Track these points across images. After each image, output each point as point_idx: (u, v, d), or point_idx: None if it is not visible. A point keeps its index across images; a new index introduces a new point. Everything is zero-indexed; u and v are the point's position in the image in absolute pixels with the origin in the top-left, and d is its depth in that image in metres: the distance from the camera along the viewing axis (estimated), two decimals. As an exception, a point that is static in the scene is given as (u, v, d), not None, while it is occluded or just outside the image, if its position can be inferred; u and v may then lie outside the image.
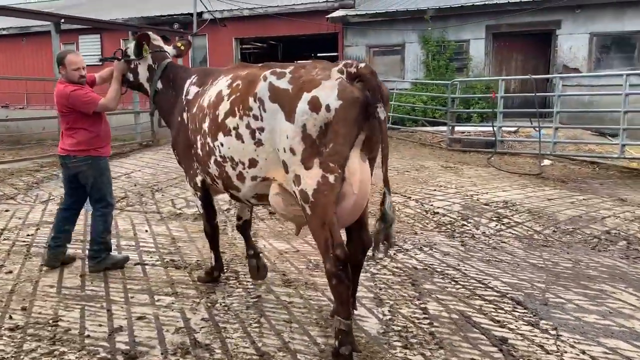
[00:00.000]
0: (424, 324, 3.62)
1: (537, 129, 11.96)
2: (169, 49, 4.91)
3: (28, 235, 5.99)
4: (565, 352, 3.25)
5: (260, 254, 4.46)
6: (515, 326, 3.58)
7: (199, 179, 4.17)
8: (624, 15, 12.77)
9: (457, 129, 12.38)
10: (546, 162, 10.20)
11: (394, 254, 5.10)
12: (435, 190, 7.67)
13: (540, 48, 13.97)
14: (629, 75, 9.50)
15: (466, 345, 3.33)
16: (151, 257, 5.16)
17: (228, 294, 4.21)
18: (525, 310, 3.84)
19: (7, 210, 7.15)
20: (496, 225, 6.02)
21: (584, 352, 3.25)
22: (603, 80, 12.53)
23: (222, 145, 3.61)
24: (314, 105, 3.06)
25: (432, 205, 6.83)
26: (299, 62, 3.67)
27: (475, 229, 5.93)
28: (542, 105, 13.73)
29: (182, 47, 4.99)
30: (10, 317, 3.85)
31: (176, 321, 3.74)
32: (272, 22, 17.42)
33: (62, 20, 10.70)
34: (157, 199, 7.69)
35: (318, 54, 26.23)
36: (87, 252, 4.99)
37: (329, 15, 15.30)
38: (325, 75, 3.13)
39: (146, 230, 6.12)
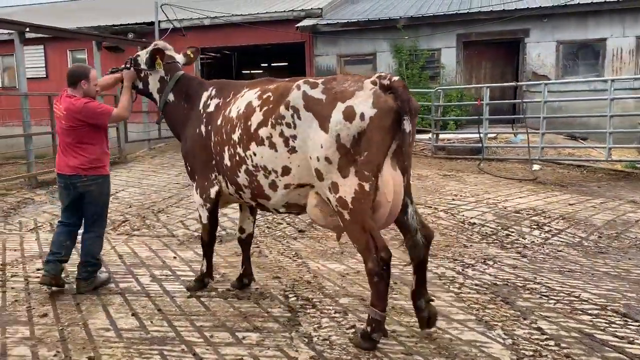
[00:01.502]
0: (552, 346, 3.41)
1: (516, 134, 12.29)
2: (180, 58, 4.79)
3: (38, 270, 5.30)
4: None
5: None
6: (644, 341, 3.45)
7: (214, 189, 4.23)
8: (586, 24, 13.35)
9: (440, 136, 12.43)
10: (536, 166, 10.40)
11: (462, 269, 4.90)
12: (454, 199, 7.56)
13: (508, 56, 14.37)
14: (613, 80, 9.88)
15: (614, 367, 3.15)
16: (200, 288, 4.66)
17: (317, 325, 3.82)
18: (639, 323, 3.72)
19: (-7, 241, 6.36)
20: (540, 233, 5.96)
21: None
22: (570, 87, 13.02)
23: (254, 154, 3.71)
24: (348, 114, 3.20)
25: (463, 215, 6.69)
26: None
27: (522, 238, 5.83)
28: (513, 111, 14.14)
29: (192, 55, 4.92)
30: (83, 371, 3.31)
31: (283, 362, 3.33)
32: (235, 31, 16.93)
33: (27, 29, 9.81)
34: (163, 221, 7.11)
35: (273, 64, 25.92)
36: (78, 273, 4.63)
37: (299, 24, 15.03)
38: (359, 87, 3.28)
39: (174, 257, 5.58)
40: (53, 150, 10.78)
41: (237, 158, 3.87)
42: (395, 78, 3.29)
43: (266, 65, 25.84)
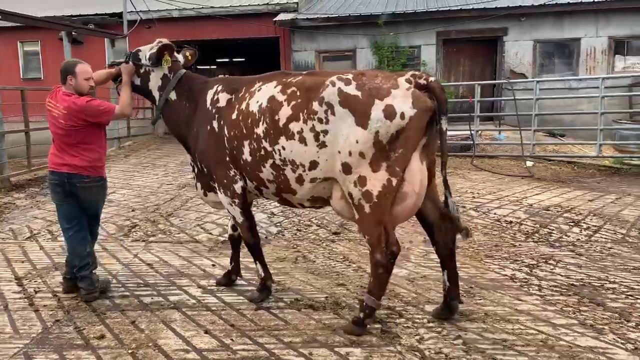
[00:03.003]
0: (676, 349, 3.32)
1: (500, 132, 12.44)
2: (179, 57, 4.61)
3: (61, 283, 4.74)
4: None
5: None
6: None
7: (238, 185, 4.08)
8: (562, 24, 13.71)
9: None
10: (529, 163, 10.53)
11: (530, 270, 4.77)
12: (474, 197, 7.48)
13: (487, 54, 14.55)
14: (604, 79, 10.15)
15: None
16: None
17: (418, 337, 3.56)
18: None
19: (-10, 253, 5.68)
20: (580, 230, 5.94)
21: None
22: (547, 85, 13.33)
23: (283, 148, 3.68)
24: (389, 113, 3.27)
25: (495, 214, 6.61)
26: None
27: (565, 236, 5.79)
28: (491, 109, 14.33)
29: (190, 57, 4.73)
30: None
31: (409, 380, 3.06)
32: (205, 24, 16.29)
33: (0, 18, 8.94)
34: (178, 225, 6.61)
35: (234, 59, 25.24)
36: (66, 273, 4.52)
37: (277, 18, 14.60)
38: (392, 84, 3.34)
39: (213, 265, 5.16)
40: (27, 150, 9.94)
41: (262, 152, 3.80)
42: (432, 78, 3.40)
43: (227, 60, 25.15)
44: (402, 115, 3.25)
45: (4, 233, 6.49)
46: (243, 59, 25.69)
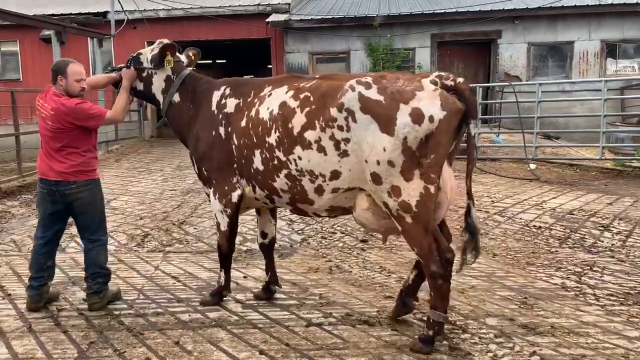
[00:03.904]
0: None
1: (498, 134, 12.43)
2: (183, 57, 4.45)
3: (84, 300, 4.40)
4: None
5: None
6: None
7: (236, 193, 3.94)
8: (556, 27, 13.80)
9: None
10: (532, 165, 10.50)
11: (578, 278, 4.63)
12: (494, 202, 7.36)
13: (480, 56, 14.55)
14: (606, 81, 10.19)
15: None
16: (309, 313, 4.04)
17: (490, 353, 3.36)
18: None
19: (-4, 265, 5.29)
20: (612, 235, 5.86)
21: None
22: (543, 87, 13.37)
23: (299, 158, 3.50)
24: (416, 116, 3.07)
25: (521, 219, 6.49)
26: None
27: (599, 241, 5.69)
28: (485, 112, 14.33)
29: (193, 57, 4.57)
30: None
31: (501, 404, 2.85)
32: (194, 25, 15.91)
33: (-11, 15, 8.45)
34: (194, 234, 6.30)
35: (217, 61, 24.79)
36: (88, 288, 4.19)
37: (270, 19, 14.32)
38: (416, 86, 3.14)
39: (245, 277, 4.88)
40: (17, 154, 9.45)
41: (276, 162, 3.62)
42: (460, 79, 3.21)
43: (210, 62, 24.68)
44: (431, 119, 3.06)
45: (5, 245, 6.09)
46: (224, 61, 25.28)
